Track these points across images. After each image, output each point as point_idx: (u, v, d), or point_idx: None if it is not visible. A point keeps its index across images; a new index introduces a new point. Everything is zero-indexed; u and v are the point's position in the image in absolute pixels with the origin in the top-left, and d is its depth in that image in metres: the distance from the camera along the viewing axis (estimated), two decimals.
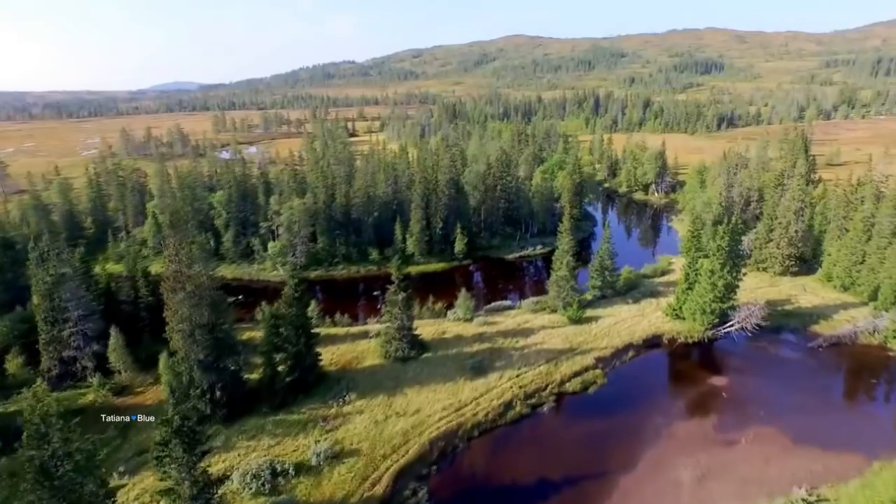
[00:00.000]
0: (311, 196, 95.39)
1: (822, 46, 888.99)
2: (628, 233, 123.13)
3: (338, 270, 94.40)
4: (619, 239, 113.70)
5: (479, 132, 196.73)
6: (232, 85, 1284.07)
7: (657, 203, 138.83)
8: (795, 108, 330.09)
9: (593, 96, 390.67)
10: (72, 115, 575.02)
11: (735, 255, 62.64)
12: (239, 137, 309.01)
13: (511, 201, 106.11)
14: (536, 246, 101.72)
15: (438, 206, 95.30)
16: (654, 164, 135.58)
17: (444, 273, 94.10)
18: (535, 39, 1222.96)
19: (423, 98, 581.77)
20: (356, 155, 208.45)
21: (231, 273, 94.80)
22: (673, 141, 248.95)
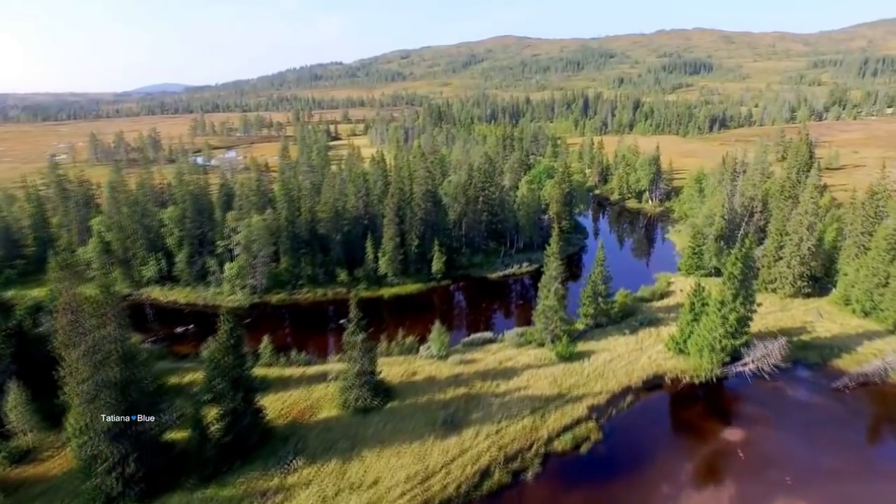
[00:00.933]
0: (271, 211, 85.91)
1: (809, 47, 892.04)
2: (621, 244, 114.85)
3: (302, 294, 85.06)
4: (612, 252, 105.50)
5: (464, 136, 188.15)
6: (217, 87, 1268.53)
7: (651, 212, 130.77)
8: (787, 109, 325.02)
9: (582, 97, 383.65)
10: (48, 118, 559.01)
11: (749, 284, 54.22)
12: (217, 141, 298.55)
13: (494, 214, 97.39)
14: (522, 263, 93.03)
15: (413, 220, 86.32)
16: (648, 170, 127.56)
17: (421, 295, 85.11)
18: (523, 40, 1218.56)
19: (409, 99, 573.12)
20: (335, 160, 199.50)
21: (185, 297, 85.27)
22: (665, 143, 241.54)
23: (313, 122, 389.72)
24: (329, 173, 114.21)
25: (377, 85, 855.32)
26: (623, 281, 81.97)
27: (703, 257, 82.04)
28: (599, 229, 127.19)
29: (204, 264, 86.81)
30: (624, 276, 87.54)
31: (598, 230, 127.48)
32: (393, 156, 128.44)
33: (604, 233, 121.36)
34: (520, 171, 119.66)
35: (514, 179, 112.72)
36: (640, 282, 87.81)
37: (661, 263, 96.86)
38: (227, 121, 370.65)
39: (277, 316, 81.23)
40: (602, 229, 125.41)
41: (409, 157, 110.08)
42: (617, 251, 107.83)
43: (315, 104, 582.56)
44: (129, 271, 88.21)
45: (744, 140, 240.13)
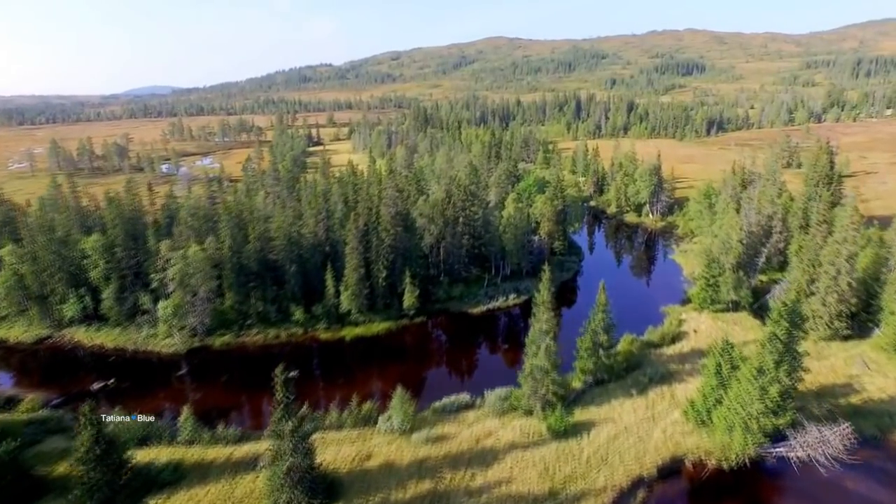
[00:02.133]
0: (213, 239, 73.08)
1: (801, 47, 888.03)
2: (619, 264, 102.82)
3: (251, 335, 72.33)
4: (610, 276, 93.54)
5: (449, 142, 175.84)
6: (206, 89, 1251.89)
7: (652, 227, 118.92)
8: (785, 111, 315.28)
9: (574, 99, 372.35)
10: (25, 121, 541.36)
11: (796, 348, 42.11)
12: (193, 147, 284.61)
13: (477, 236, 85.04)
14: (509, 294, 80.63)
15: (381, 248, 73.82)
16: (649, 181, 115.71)
17: (390, 336, 72.54)
18: (514, 41, 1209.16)
19: (398, 102, 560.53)
20: (312, 169, 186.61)
21: (113, 340, 72.32)
22: (661, 147, 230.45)
23: (296, 126, 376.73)
24: (297, 187, 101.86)
25: (367, 87, 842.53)
26: (624, 315, 69.89)
27: (718, 289, 70.09)
28: (595, 244, 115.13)
29: (136, 301, 73.97)
30: (625, 309, 75.48)
31: (593, 244, 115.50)
32: (382, 162, 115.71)
33: (600, 252, 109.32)
34: (507, 185, 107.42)
35: (501, 194, 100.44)
36: (644, 314, 75.93)
37: (668, 291, 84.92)
38: (208, 125, 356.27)
39: (220, 363, 68.38)
40: (598, 248, 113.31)
41: (378, 172, 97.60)
42: (615, 274, 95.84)
43: (301, 107, 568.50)
44: (48, 309, 75.11)
45: (744, 144, 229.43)
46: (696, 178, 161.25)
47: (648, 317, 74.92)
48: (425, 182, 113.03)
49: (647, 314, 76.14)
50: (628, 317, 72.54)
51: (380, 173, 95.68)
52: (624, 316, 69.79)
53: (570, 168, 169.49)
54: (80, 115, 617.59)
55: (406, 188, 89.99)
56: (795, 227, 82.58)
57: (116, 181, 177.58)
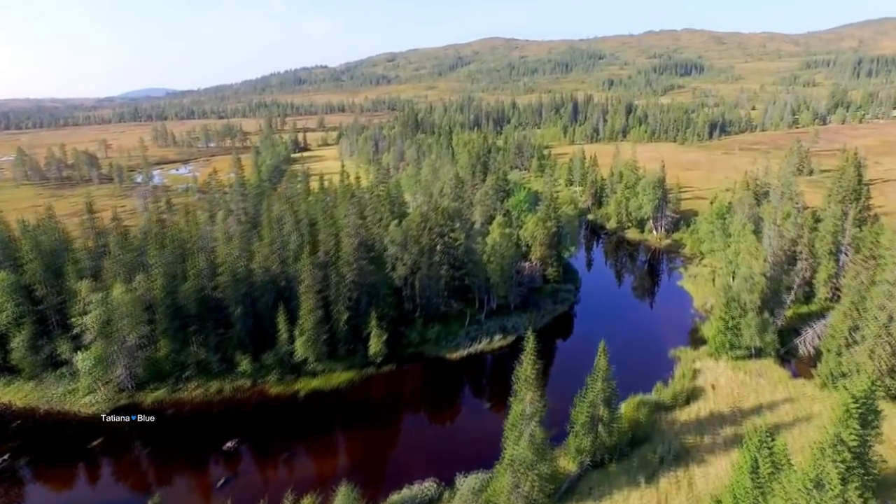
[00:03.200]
0: (143, 277, 62.00)
1: (800, 47, 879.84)
2: (619, 289, 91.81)
3: (189, 389, 61.26)
4: (609, 309, 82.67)
5: (437, 149, 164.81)
6: (200, 92, 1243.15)
7: (656, 245, 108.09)
8: (788, 112, 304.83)
9: (571, 101, 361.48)
10: (10, 126, 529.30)
11: (867, 458, 31.14)
12: (175, 154, 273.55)
13: (458, 266, 74.03)
14: (494, 334, 69.64)
15: (341, 286, 62.83)
16: (652, 195, 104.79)
17: (352, 390, 61.46)
18: (511, 42, 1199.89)
19: (392, 104, 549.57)
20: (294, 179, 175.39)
21: (23, 398, 61.21)
22: (663, 152, 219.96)
23: (285, 130, 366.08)
24: (264, 204, 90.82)
25: (361, 89, 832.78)
26: (627, 360, 59.76)
27: (739, 333, 59.18)
28: (594, 265, 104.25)
29: (54, 350, 62.87)
30: (628, 351, 65.28)
31: (591, 264, 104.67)
32: (346, 179, 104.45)
33: (600, 276, 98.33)
34: (495, 201, 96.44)
35: (488, 213, 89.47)
36: (651, 358, 65.33)
37: (677, 327, 74.08)
38: (193, 130, 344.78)
39: (146, 428, 57.29)
40: (597, 270, 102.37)
41: (347, 188, 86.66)
42: (616, 305, 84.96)
43: (293, 110, 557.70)
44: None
45: (749, 148, 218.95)
46: (701, 186, 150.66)
47: (655, 360, 64.22)
48: (406, 197, 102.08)
49: (653, 357, 65.41)
50: (632, 362, 62.20)
51: (349, 189, 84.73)
52: (627, 361, 59.67)
53: (566, 177, 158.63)
54: (68, 119, 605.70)
55: (378, 208, 78.93)
56: (824, 252, 71.71)
57: (82, 193, 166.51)
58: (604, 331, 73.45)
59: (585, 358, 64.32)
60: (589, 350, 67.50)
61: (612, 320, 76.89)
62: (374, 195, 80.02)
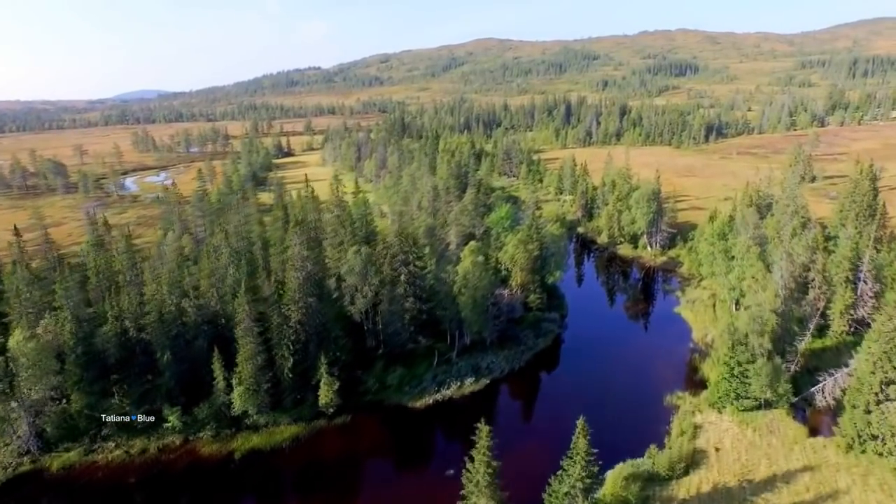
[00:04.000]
0: (50, 318, 53.13)
1: (794, 47, 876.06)
2: (611, 320, 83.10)
3: (107, 450, 52.37)
4: (599, 339, 74.27)
5: (419, 157, 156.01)
6: (192, 93, 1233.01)
7: (651, 262, 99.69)
8: (786, 114, 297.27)
9: (564, 102, 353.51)
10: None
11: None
12: (152, 160, 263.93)
13: (426, 298, 65.37)
14: (465, 377, 60.96)
15: (285, 328, 54.12)
16: (646, 208, 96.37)
17: (297, 448, 52.62)
18: (505, 42, 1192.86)
19: (382, 106, 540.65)
20: (270, 188, 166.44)
21: None
22: (658, 156, 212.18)
23: (271, 134, 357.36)
24: (221, 223, 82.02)
25: (354, 90, 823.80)
26: (615, 409, 51.93)
27: (747, 382, 50.71)
28: (583, 285, 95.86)
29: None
30: (616, 396, 57.16)
31: (581, 281, 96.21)
32: (307, 197, 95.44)
33: (589, 298, 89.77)
34: (475, 218, 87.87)
35: (465, 232, 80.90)
36: (642, 405, 57.23)
37: (673, 363, 65.79)
38: (177, 134, 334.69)
39: (55, 499, 48.47)
40: (586, 291, 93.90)
41: (301, 211, 77.88)
42: (606, 335, 76.37)
43: (282, 112, 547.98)
44: None
45: (747, 152, 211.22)
46: (698, 195, 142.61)
47: (649, 409, 55.92)
48: (385, 209, 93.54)
49: (647, 404, 57.04)
50: (622, 412, 54.33)
51: (307, 209, 76.04)
52: (616, 411, 52.07)
53: (556, 185, 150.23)
54: (53, 122, 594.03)
55: (338, 231, 70.27)
56: (840, 280, 63.39)
57: (45, 204, 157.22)
58: (591, 370, 65.29)
59: (569, 404, 56.28)
60: (573, 396, 59.21)
61: (600, 356, 68.39)
62: (334, 216, 71.25)
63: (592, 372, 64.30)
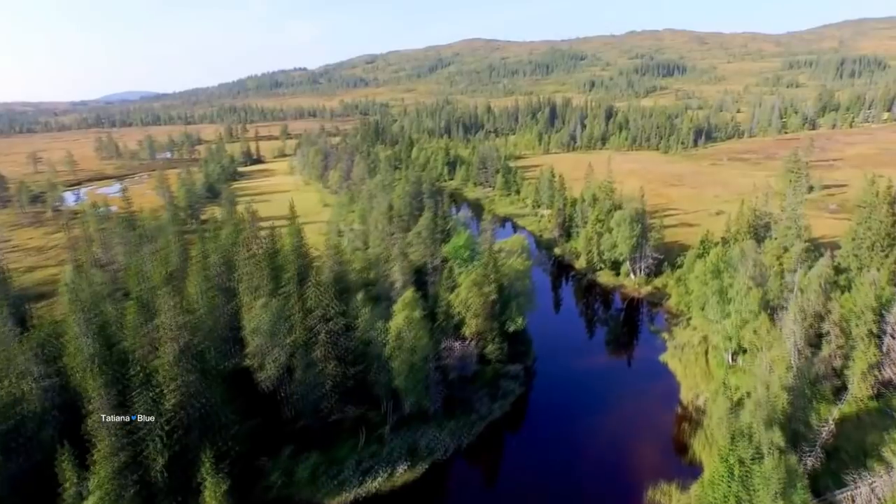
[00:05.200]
0: None
1: (781, 47, 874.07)
2: (586, 368, 70.80)
3: None
4: (568, 392, 62.20)
5: (385, 167, 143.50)
6: (175, 95, 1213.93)
7: (634, 292, 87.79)
8: (776, 116, 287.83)
9: (549, 105, 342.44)
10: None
11: None
12: (112, 169, 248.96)
13: (351, 361, 52.66)
14: (397, 462, 48.48)
15: (156, 413, 41.35)
16: (629, 232, 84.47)
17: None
18: (491, 43, 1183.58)
19: (364, 109, 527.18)
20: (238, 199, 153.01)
21: None
22: (644, 162, 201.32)
23: (246, 139, 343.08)
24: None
25: (338, 92, 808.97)
26: (583, 474, 39.60)
27: (752, 488, 38.69)
28: (556, 322, 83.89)
29: None
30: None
31: (554, 314, 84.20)
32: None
33: (561, 339, 77.53)
34: (430, 246, 75.45)
35: (415, 268, 68.47)
36: (614, 497, 44.85)
37: (658, 433, 53.94)
38: (146, 139, 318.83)
39: None
40: (559, 330, 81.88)
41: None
42: (579, 387, 64.15)
43: (261, 115, 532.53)
44: None
45: (738, 158, 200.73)
46: (687, 208, 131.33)
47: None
48: (342, 226, 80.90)
49: (623, 497, 44.90)
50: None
51: (218, 244, 63.11)
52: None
53: (533, 198, 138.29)
54: (23, 126, 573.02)
55: (254, 275, 57.55)
56: (860, 333, 51.68)
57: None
58: (556, 448, 52.94)
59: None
60: (531, 488, 46.40)
61: (569, 426, 56.08)
62: (249, 255, 58.57)
63: (558, 450, 52.11)
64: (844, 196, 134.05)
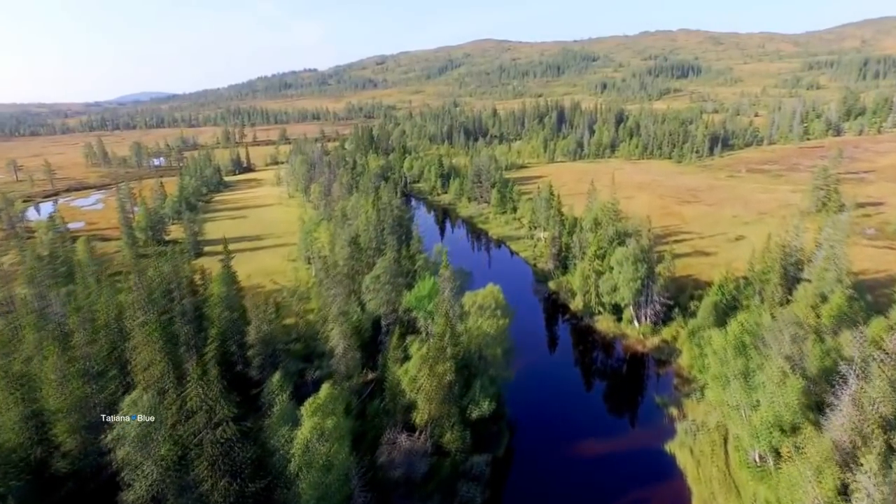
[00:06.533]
0: None
1: (800, 47, 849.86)
2: (569, 450, 57.03)
3: None
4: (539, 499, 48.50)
5: (365, 183, 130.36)
6: (185, 96, 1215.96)
7: (638, 345, 73.75)
8: (797, 122, 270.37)
9: (556, 108, 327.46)
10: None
11: None
12: (96, 178, 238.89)
13: (250, 475, 39.52)
14: None
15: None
16: (634, 273, 70.57)
17: None
18: (503, 44, 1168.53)
19: (368, 111, 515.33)
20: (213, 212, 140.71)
21: None
22: (655, 174, 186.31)
23: (244, 143, 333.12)
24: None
25: (346, 94, 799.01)
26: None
27: None
28: (544, 384, 70.25)
29: None
30: None
31: (546, 357, 70.57)
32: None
33: (547, 400, 63.80)
34: (391, 293, 62.22)
35: (355, 334, 55.30)
36: None
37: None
38: (133, 145, 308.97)
39: None
40: (547, 383, 68.13)
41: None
42: (557, 489, 50.49)
43: (264, 117, 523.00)
44: None
45: (757, 170, 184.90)
46: (703, 231, 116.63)
47: None
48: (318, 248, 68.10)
49: None
50: None
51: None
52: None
53: (529, 218, 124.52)
54: (30, 128, 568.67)
55: (140, 349, 44.77)
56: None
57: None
58: None
59: None
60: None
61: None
62: (140, 323, 45.75)
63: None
64: (883, 217, 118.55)
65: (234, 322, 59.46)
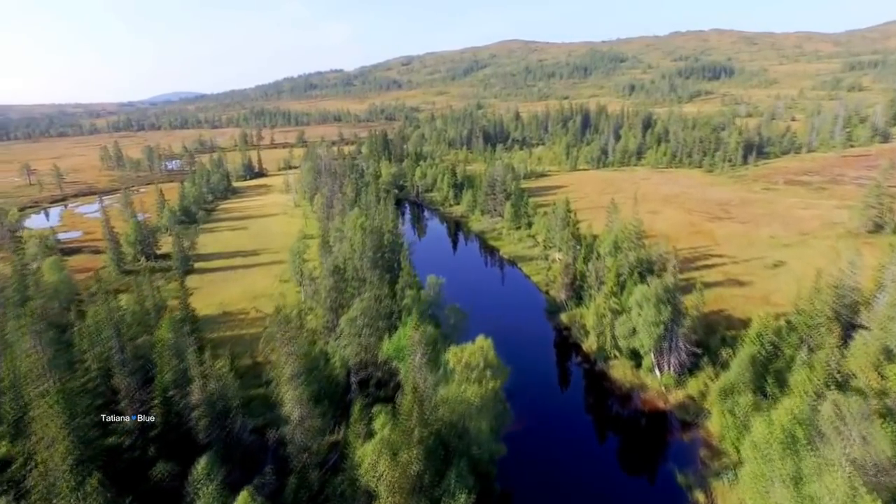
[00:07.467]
0: None
1: (840, 47, 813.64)
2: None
3: None
4: None
5: (366, 196, 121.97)
6: (213, 96, 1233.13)
7: (659, 399, 63.35)
8: (840, 127, 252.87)
9: (581, 112, 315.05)
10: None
11: None
12: (106, 182, 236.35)
13: None
14: None
15: None
16: (656, 317, 60.40)
17: None
18: (530, 44, 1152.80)
19: (390, 113, 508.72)
20: (216, 223, 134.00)
21: None
22: (684, 185, 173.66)
23: (261, 146, 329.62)
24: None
25: (371, 94, 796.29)
26: None
27: None
28: (555, 413, 60.49)
29: None
30: None
31: (554, 406, 60.80)
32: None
33: (550, 471, 54.11)
34: (370, 337, 53.31)
35: (309, 397, 46.46)
36: None
37: None
38: (158, 146, 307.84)
39: None
40: (552, 442, 58.31)
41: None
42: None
43: (286, 119, 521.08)
44: None
45: (796, 181, 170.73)
46: (736, 255, 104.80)
47: None
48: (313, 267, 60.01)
49: None
50: None
51: None
52: None
53: (544, 236, 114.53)
54: (59, 129, 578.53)
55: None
56: None
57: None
58: None
59: None
60: None
61: None
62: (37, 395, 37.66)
63: None
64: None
65: (183, 373, 51.35)
